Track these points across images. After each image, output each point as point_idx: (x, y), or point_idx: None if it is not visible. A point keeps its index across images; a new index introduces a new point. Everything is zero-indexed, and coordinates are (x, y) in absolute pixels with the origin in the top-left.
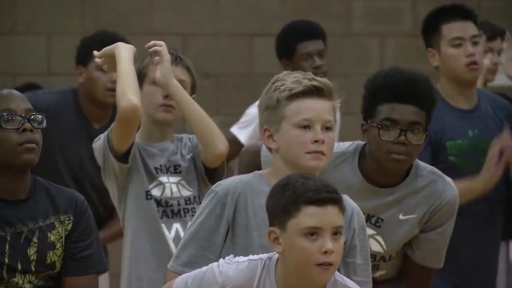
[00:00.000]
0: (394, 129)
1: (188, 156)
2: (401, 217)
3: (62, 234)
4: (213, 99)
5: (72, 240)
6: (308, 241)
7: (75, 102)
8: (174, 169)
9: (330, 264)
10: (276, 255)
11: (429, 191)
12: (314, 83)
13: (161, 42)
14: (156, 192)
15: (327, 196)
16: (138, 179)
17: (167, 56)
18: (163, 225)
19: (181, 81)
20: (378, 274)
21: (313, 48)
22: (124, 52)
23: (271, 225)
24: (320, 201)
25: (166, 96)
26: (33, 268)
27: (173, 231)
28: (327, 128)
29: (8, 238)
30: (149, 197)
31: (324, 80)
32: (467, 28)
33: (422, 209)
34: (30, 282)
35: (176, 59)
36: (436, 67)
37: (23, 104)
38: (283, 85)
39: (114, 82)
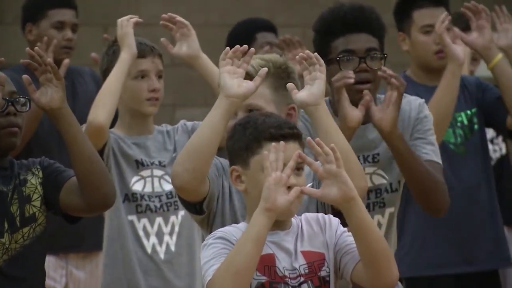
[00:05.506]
0: (353, 59)
1: (171, 148)
2: None
3: (37, 183)
4: (201, 89)
5: (49, 179)
6: None
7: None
8: (159, 163)
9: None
10: None
11: (401, 111)
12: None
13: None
14: (137, 187)
15: (288, 132)
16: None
17: (193, 30)
18: (144, 221)
19: (160, 71)
20: (387, 212)
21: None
22: (124, 62)
23: (232, 164)
24: (282, 137)
25: (153, 90)
26: (18, 224)
27: (156, 225)
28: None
29: None
30: (126, 199)
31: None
32: (438, 15)
33: (403, 127)
34: (16, 242)
35: (153, 50)
36: (407, 51)
37: (8, 86)
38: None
39: (69, 39)
